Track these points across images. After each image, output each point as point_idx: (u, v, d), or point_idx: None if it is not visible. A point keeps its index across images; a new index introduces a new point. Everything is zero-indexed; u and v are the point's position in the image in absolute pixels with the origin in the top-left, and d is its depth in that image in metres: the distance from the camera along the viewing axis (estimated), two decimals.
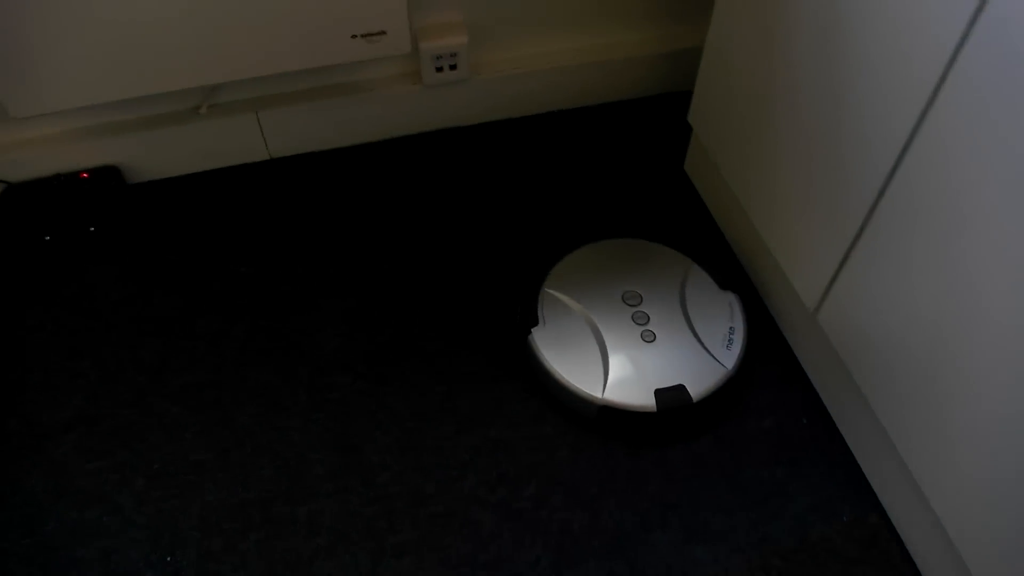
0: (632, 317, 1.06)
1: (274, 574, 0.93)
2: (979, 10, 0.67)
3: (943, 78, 0.72)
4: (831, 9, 0.85)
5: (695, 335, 1.05)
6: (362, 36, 1.10)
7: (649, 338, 1.04)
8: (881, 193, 0.83)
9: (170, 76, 1.08)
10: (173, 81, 1.09)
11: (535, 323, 1.06)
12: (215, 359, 1.10)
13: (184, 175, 1.30)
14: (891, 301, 0.85)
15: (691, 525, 0.97)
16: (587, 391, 1.01)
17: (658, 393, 1.00)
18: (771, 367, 1.11)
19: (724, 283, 1.11)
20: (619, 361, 1.02)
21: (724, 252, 1.22)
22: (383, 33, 1.10)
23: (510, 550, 0.95)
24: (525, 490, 0.99)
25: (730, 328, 1.06)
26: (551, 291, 1.09)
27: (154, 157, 1.26)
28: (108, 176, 1.24)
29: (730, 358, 1.04)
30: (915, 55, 0.74)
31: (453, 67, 1.25)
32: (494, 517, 0.97)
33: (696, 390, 1.01)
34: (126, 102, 1.15)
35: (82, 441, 1.03)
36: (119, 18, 1.00)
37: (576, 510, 0.98)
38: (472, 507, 0.98)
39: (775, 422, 1.06)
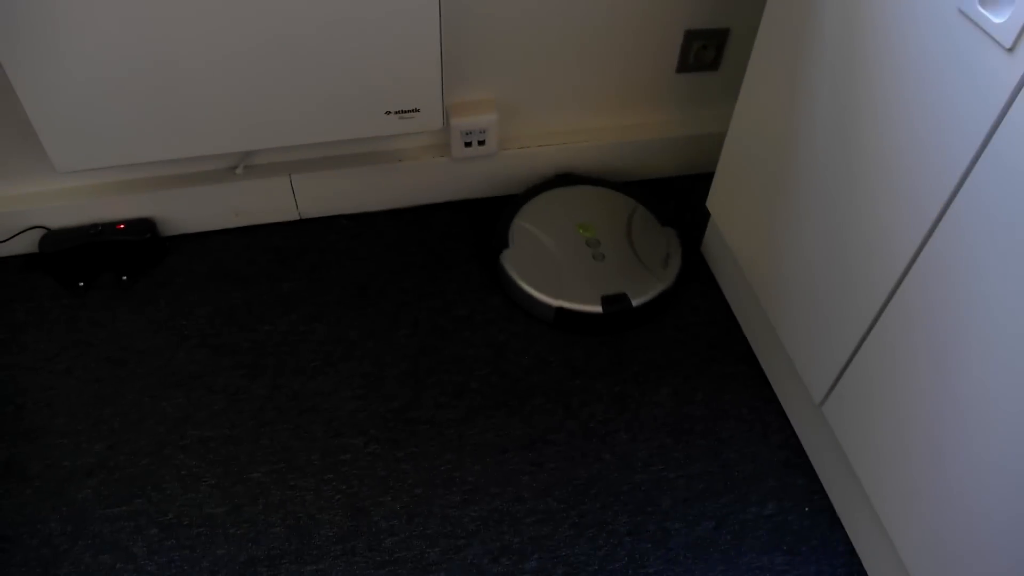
0: (586, 242, 1.31)
1: None
2: (1004, 112, 0.69)
3: (959, 187, 0.75)
4: (853, 109, 0.88)
5: (637, 257, 1.29)
6: (396, 113, 1.15)
7: (599, 258, 1.28)
8: (891, 294, 0.86)
9: (210, 141, 1.13)
10: (213, 145, 1.14)
11: (506, 246, 1.29)
12: (234, 415, 1.13)
13: (217, 230, 1.35)
14: (894, 400, 0.87)
15: None
16: (545, 297, 1.23)
17: (604, 299, 1.22)
18: (778, 453, 1.13)
19: (665, 220, 1.35)
20: (572, 274, 1.26)
21: (738, 338, 1.25)
22: (416, 111, 1.15)
23: None
24: (527, 563, 1.01)
25: (667, 253, 1.30)
26: (521, 222, 1.33)
27: (189, 212, 1.31)
28: (144, 227, 1.29)
29: (667, 276, 1.27)
30: (936, 157, 0.77)
31: (482, 142, 1.30)
32: None
33: (637, 298, 1.24)
34: (166, 160, 1.20)
35: (101, 487, 1.06)
36: (165, 85, 1.05)
37: None
38: None
39: (778, 508, 1.07)
